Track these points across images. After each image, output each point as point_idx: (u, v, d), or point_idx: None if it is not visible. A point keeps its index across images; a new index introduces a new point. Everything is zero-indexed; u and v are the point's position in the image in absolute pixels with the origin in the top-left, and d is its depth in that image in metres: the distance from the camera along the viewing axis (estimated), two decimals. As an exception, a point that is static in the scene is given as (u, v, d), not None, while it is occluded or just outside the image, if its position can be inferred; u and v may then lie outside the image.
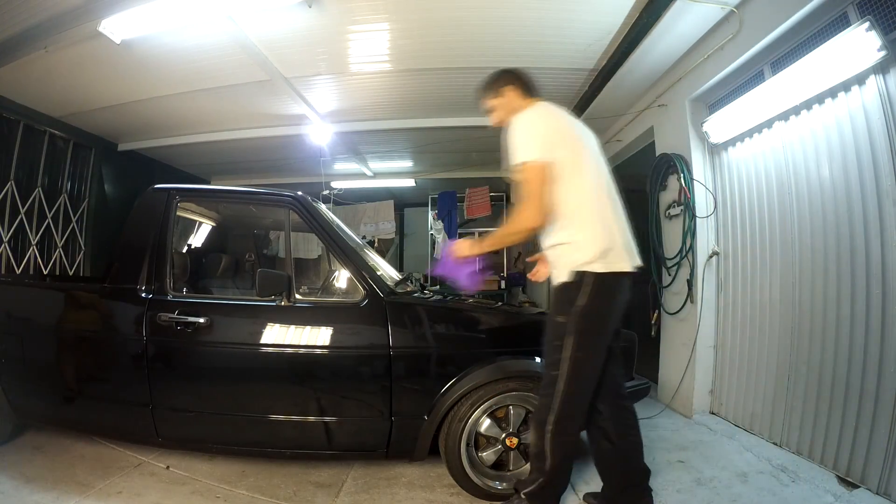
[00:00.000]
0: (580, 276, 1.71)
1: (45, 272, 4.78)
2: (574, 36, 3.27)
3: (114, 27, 2.85)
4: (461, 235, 9.06)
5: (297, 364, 2.15)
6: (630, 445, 1.89)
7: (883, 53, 2.01)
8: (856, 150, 2.25)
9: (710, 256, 3.30)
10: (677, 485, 2.29)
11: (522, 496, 1.81)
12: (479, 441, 2.20)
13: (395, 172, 7.44)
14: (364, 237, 7.68)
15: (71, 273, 5.16)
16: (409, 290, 2.65)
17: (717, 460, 2.56)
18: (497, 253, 9.44)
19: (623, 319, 1.88)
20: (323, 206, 2.67)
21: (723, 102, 3.17)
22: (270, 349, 2.14)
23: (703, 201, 3.33)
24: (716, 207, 3.31)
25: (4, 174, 4.40)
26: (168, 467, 2.36)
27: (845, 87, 2.29)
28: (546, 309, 2.36)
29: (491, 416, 2.19)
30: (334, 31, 3.29)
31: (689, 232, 3.38)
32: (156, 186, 2.39)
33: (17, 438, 2.52)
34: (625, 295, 1.80)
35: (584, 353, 1.72)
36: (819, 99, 2.46)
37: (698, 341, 3.28)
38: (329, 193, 7.48)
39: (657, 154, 3.81)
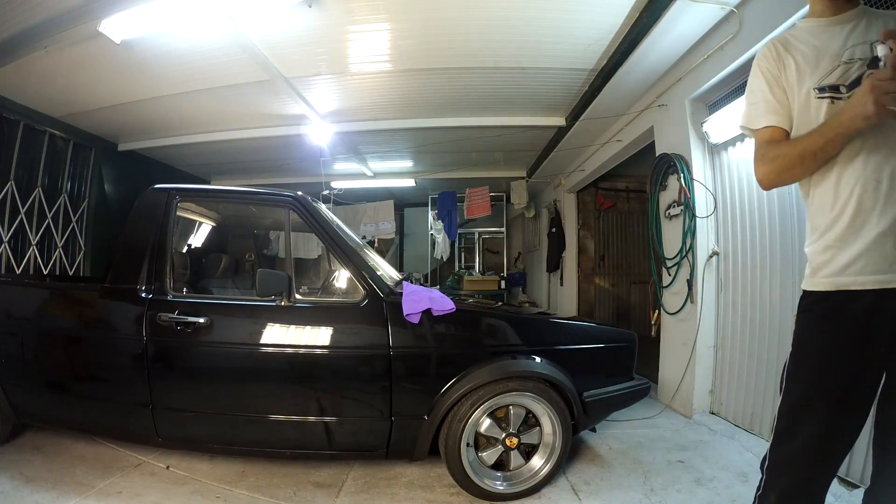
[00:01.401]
0: None
1: (45, 272, 4.78)
2: (574, 36, 3.28)
3: (114, 27, 2.85)
4: (461, 236, 9.09)
5: (297, 364, 2.15)
6: None
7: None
8: (856, 150, 2.24)
9: (710, 256, 3.30)
10: (677, 485, 2.29)
11: None
12: (479, 441, 2.20)
13: (395, 172, 7.44)
14: (364, 237, 7.68)
15: (71, 273, 5.16)
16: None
17: (717, 460, 2.56)
18: (496, 253, 9.46)
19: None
20: (323, 206, 2.67)
21: (723, 102, 3.17)
22: (270, 349, 2.13)
23: (703, 201, 3.33)
24: (716, 207, 3.31)
25: (4, 174, 4.40)
26: (168, 467, 2.36)
27: (845, 86, 2.28)
28: (547, 309, 2.33)
29: (491, 416, 2.19)
30: (334, 31, 3.29)
31: (689, 232, 3.38)
32: (156, 186, 2.38)
33: (17, 438, 2.52)
34: None
35: None
36: (819, 99, 2.44)
37: (698, 341, 3.28)
38: (329, 193, 7.49)
39: (657, 154, 3.82)
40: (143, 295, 2.17)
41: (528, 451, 2.26)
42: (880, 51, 1.07)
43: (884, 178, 1.10)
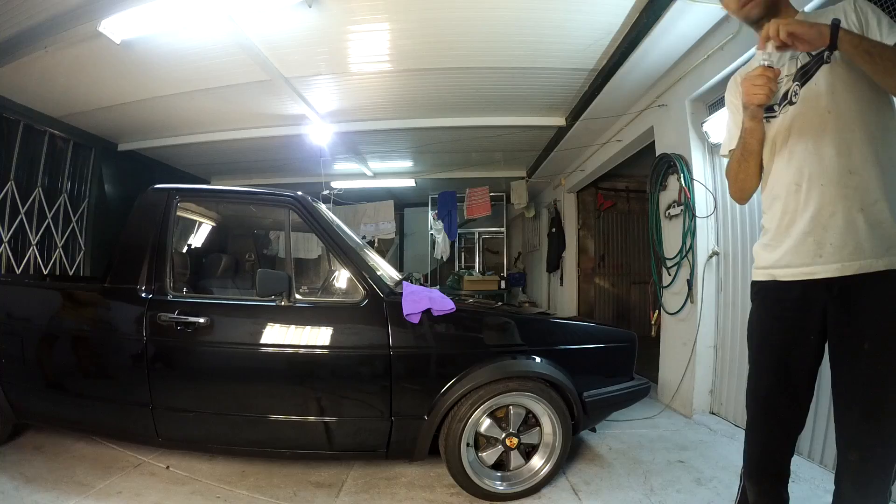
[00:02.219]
0: None
1: (45, 272, 4.78)
2: (574, 36, 3.28)
3: (114, 27, 2.85)
4: (461, 236, 9.10)
5: (297, 364, 2.15)
6: None
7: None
8: (856, 150, 2.24)
9: (710, 256, 3.30)
10: (677, 485, 2.29)
11: None
12: (479, 441, 2.20)
13: (395, 172, 7.44)
14: (364, 237, 7.68)
15: (71, 273, 5.16)
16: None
17: (717, 460, 2.57)
18: (496, 253, 9.46)
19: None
20: (323, 206, 2.67)
21: (723, 102, 3.14)
22: (270, 349, 2.13)
23: (703, 201, 3.33)
24: (716, 207, 3.31)
25: (4, 174, 4.40)
26: (168, 467, 2.36)
27: (845, 87, 2.28)
28: (547, 309, 2.32)
29: (491, 416, 2.19)
30: (334, 31, 3.29)
31: (689, 232, 3.38)
32: (156, 186, 2.38)
33: (17, 438, 2.52)
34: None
35: None
36: (819, 99, 2.45)
37: (698, 341, 3.28)
38: (329, 193, 7.48)
39: (657, 154, 3.82)
40: (143, 295, 2.17)
41: (528, 451, 2.26)
42: (757, 59, 1.25)
43: (803, 181, 1.22)
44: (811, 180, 1.21)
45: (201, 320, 2.10)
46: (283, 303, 2.15)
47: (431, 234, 8.72)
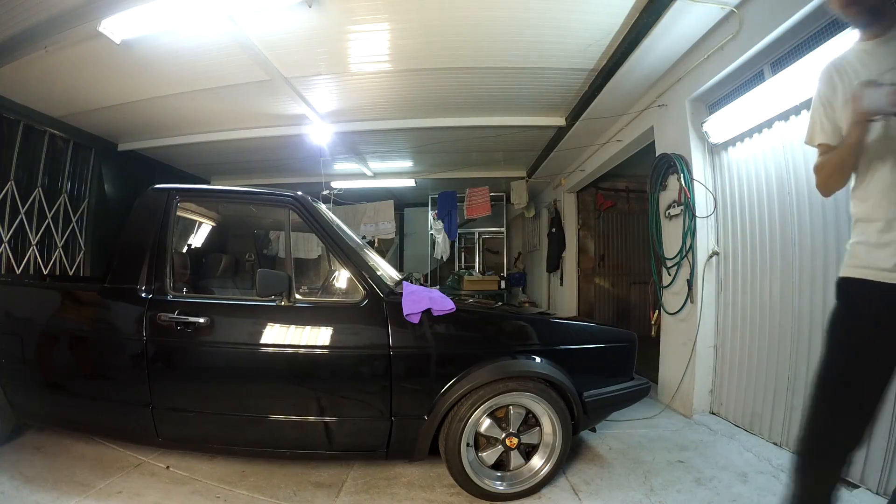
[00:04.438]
0: None
1: (45, 272, 4.78)
2: (574, 36, 3.28)
3: (114, 27, 2.86)
4: (461, 236, 9.10)
5: (297, 364, 2.15)
6: None
7: (883, 53, 2.00)
8: (856, 150, 2.24)
9: (710, 256, 3.30)
10: (677, 485, 2.29)
11: None
12: (479, 441, 2.20)
13: (395, 172, 7.44)
14: (364, 237, 7.68)
15: (71, 273, 5.16)
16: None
17: (717, 460, 2.56)
18: (496, 253, 9.46)
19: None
20: (323, 206, 2.67)
21: (723, 102, 3.17)
22: (270, 349, 2.13)
23: (703, 201, 3.33)
24: (716, 207, 3.31)
25: (4, 174, 4.40)
26: (168, 467, 2.37)
27: (845, 87, 2.28)
28: (547, 309, 2.32)
29: (491, 416, 2.19)
30: (334, 31, 3.29)
31: (689, 232, 3.38)
32: (156, 186, 2.39)
33: (17, 438, 2.52)
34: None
35: None
36: (819, 99, 2.45)
37: (698, 341, 3.29)
38: (329, 193, 7.49)
39: (657, 154, 3.82)
40: (143, 295, 2.18)
41: (528, 451, 2.26)
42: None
43: None
44: None
45: (201, 320, 2.10)
46: (283, 303, 2.15)
47: (431, 234, 8.72)
